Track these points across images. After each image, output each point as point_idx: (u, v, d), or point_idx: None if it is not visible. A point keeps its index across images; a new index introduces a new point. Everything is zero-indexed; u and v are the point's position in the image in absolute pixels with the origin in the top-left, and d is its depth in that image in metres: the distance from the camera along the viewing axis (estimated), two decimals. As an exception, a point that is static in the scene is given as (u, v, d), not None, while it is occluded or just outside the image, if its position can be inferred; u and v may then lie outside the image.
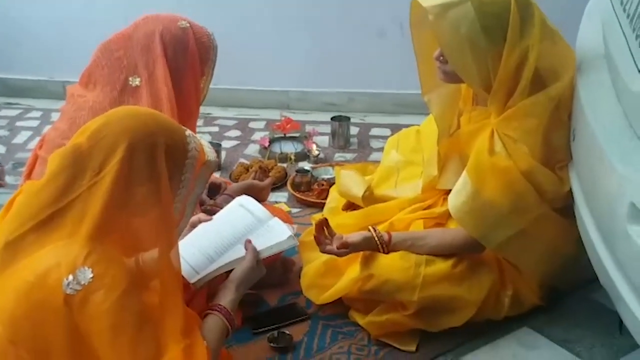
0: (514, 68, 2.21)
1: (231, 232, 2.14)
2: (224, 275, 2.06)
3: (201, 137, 1.88)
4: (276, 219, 2.20)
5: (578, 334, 2.44)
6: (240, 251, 2.07)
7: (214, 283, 2.11)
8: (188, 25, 2.47)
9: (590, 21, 2.43)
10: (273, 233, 2.15)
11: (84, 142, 1.69)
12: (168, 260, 1.74)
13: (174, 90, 2.41)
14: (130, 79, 2.43)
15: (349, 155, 3.77)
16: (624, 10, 2.07)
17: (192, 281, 2.03)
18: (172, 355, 1.68)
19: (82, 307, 1.59)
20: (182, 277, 1.98)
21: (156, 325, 1.69)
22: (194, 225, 2.17)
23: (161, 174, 1.70)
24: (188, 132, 1.81)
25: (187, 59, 2.47)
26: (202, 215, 2.21)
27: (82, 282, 1.59)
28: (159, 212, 1.71)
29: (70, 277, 1.58)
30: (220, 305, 1.94)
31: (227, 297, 1.97)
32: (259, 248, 2.07)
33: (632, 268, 1.73)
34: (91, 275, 1.59)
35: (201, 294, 2.21)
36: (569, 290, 2.56)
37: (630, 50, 1.92)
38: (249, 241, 2.08)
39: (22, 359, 1.60)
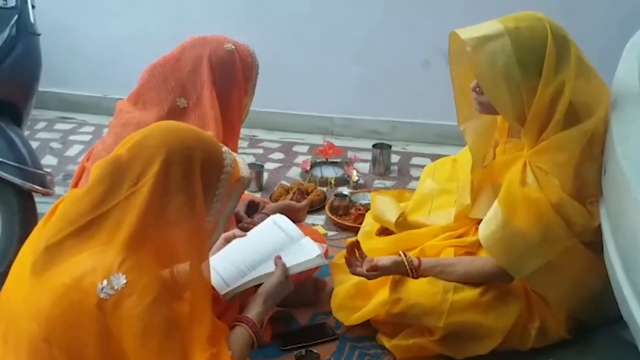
0: (548, 102, 2.24)
1: (263, 248, 2.20)
2: (254, 288, 2.12)
3: (237, 155, 1.95)
4: (307, 238, 2.26)
5: (604, 369, 2.44)
6: (270, 266, 2.13)
7: (246, 296, 2.17)
8: (234, 47, 2.54)
9: (628, 59, 2.46)
10: (303, 251, 2.21)
11: (124, 153, 1.77)
12: (199, 271, 1.80)
13: (220, 111, 2.48)
14: (177, 100, 2.50)
15: (388, 183, 3.82)
16: (659, 49, 2.10)
17: (222, 293, 2.10)
18: None
19: (114, 311, 1.65)
20: (213, 288, 2.05)
21: (184, 333, 1.74)
22: (228, 240, 2.24)
23: (196, 187, 1.76)
24: (225, 148, 1.88)
25: (234, 81, 2.54)
26: (236, 231, 2.27)
27: (116, 287, 1.65)
28: (193, 224, 1.77)
29: (105, 282, 1.64)
30: (247, 317, 2.00)
31: (254, 310, 2.02)
32: (288, 265, 2.13)
33: (652, 302, 1.75)
34: (124, 281, 1.65)
35: (234, 307, 2.27)
36: (598, 326, 2.55)
37: (660, 86, 1.95)
38: (279, 257, 2.14)
39: (55, 358, 1.66)
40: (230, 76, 2.52)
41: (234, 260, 2.17)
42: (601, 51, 2.79)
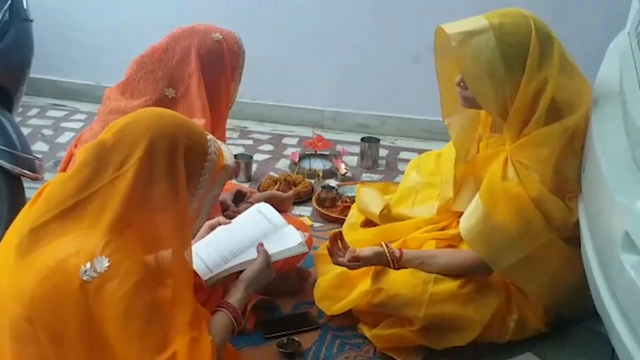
0: (530, 98, 2.28)
1: (247, 236, 2.22)
2: (236, 275, 2.15)
3: (222, 144, 1.97)
4: (291, 226, 2.29)
5: (580, 362, 2.48)
6: (252, 253, 2.16)
7: (228, 283, 2.20)
8: (221, 37, 2.57)
9: (611, 59, 2.50)
10: (286, 239, 2.24)
11: (109, 137, 1.79)
12: (181, 257, 1.82)
13: (207, 100, 2.51)
14: (166, 90, 2.53)
15: (375, 176, 3.86)
16: (640, 47, 2.13)
17: (204, 279, 2.13)
18: (177, 346, 1.75)
19: (97, 294, 1.67)
20: (197, 274, 2.07)
21: (165, 317, 1.75)
22: (213, 227, 2.26)
23: (179, 174, 1.78)
24: (209, 136, 1.90)
25: (221, 70, 2.57)
26: (221, 218, 2.30)
27: (99, 270, 1.66)
28: (176, 210, 1.79)
29: (88, 265, 1.66)
30: (228, 302, 2.02)
31: (235, 296, 2.05)
32: (270, 252, 2.16)
33: (623, 297, 1.78)
34: (107, 264, 1.67)
35: (217, 294, 2.30)
36: (575, 320, 2.59)
37: (639, 85, 1.98)
38: (261, 244, 2.17)
39: (37, 338, 1.68)
40: (218, 66, 2.55)
41: (218, 247, 2.19)
42: (588, 51, 2.83)
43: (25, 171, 2.72)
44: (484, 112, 2.53)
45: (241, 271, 2.14)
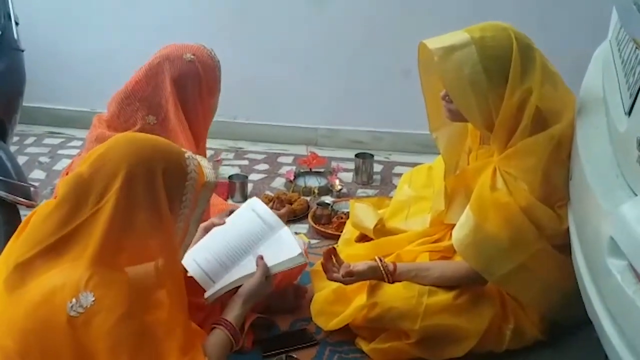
0: (515, 109, 2.30)
1: (243, 238, 2.22)
2: (234, 290, 2.17)
3: (202, 159, 1.98)
4: (286, 228, 2.29)
5: (577, 369, 2.49)
6: (251, 265, 2.16)
7: (226, 298, 2.20)
8: (194, 57, 2.60)
9: (595, 67, 2.53)
10: (284, 247, 2.24)
11: (85, 170, 1.79)
12: (172, 276, 1.84)
13: (186, 120, 2.54)
14: (146, 118, 2.57)
15: (370, 191, 3.88)
16: (620, 55, 2.16)
17: (205, 296, 2.14)
18: None
19: (85, 329, 1.69)
20: (195, 290, 2.10)
21: (156, 343, 1.77)
22: (207, 229, 2.26)
23: (160, 198, 1.79)
24: (188, 154, 1.91)
25: (196, 89, 2.60)
26: (215, 219, 2.29)
27: (85, 305, 1.68)
28: (161, 233, 1.81)
29: (74, 301, 1.68)
30: (226, 320, 2.04)
31: (233, 312, 2.06)
32: (269, 264, 2.17)
33: (611, 300, 1.80)
34: (93, 299, 1.69)
35: (214, 311, 2.31)
36: (572, 327, 2.60)
37: (620, 92, 2.01)
38: (261, 257, 2.17)
39: None
40: (193, 86, 2.59)
41: (214, 251, 2.20)
42: (574, 60, 2.86)
43: (21, 199, 2.74)
44: (472, 125, 2.56)
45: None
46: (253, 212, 2.32)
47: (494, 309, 2.47)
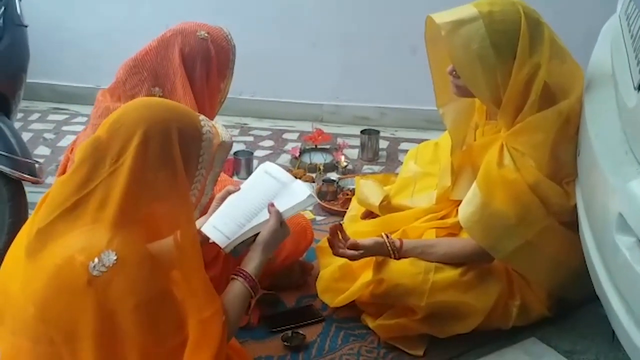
0: (522, 84, 2.29)
1: (259, 198, 2.20)
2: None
3: (216, 122, 1.98)
4: (298, 181, 2.27)
5: (584, 345, 2.49)
6: (265, 215, 2.14)
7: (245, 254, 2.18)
8: (207, 35, 2.57)
9: (603, 41, 2.50)
10: (294, 195, 2.21)
11: (103, 133, 1.80)
12: (188, 238, 1.83)
13: (194, 98, 2.52)
14: (152, 89, 2.53)
15: (376, 168, 3.87)
16: (629, 30, 2.14)
17: (222, 246, 2.13)
18: (189, 330, 1.79)
19: (107, 288, 1.69)
20: (213, 247, 2.12)
21: (176, 302, 1.79)
22: (224, 199, 2.24)
23: (176, 159, 1.79)
24: (202, 116, 1.92)
25: (206, 68, 2.56)
26: (230, 187, 2.28)
27: (107, 264, 1.68)
28: (177, 194, 1.81)
29: (96, 260, 1.68)
30: (244, 271, 2.03)
31: (252, 262, 2.05)
32: (281, 209, 2.15)
33: (619, 277, 1.80)
34: (115, 258, 1.69)
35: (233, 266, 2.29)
36: (578, 303, 2.60)
37: (629, 67, 1.99)
38: (272, 204, 2.15)
39: (51, 337, 1.70)
40: (202, 64, 2.55)
41: (232, 215, 2.18)
42: (580, 34, 2.83)
43: (25, 175, 2.74)
44: (479, 100, 2.54)
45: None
46: (266, 173, 2.30)
47: (500, 286, 2.46)
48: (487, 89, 2.32)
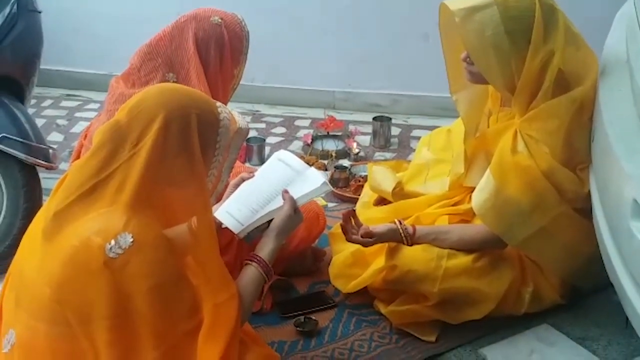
0: (537, 71, 2.28)
1: (273, 184, 2.22)
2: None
3: (232, 109, 2.00)
4: (312, 169, 2.28)
5: (596, 332, 2.49)
6: (279, 202, 2.15)
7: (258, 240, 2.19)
8: (221, 20, 2.57)
9: (618, 27, 2.49)
10: (308, 182, 2.22)
11: (123, 117, 1.81)
12: (204, 223, 1.84)
13: (207, 83, 2.53)
14: (166, 75, 2.54)
15: (388, 155, 3.87)
16: (645, 16, 2.13)
17: (236, 232, 2.14)
18: (204, 312, 1.80)
19: (123, 270, 1.70)
20: (227, 233, 2.13)
21: (191, 285, 1.80)
22: (237, 186, 2.26)
23: (194, 144, 1.81)
24: (219, 103, 1.93)
25: (220, 53, 2.57)
26: (244, 174, 2.29)
27: (124, 246, 1.70)
28: (194, 180, 1.82)
29: (113, 242, 1.69)
30: (258, 256, 2.04)
31: (266, 248, 2.06)
32: (295, 196, 2.15)
33: (634, 263, 1.80)
34: (131, 240, 1.70)
35: (247, 250, 2.30)
36: (591, 290, 2.60)
37: (645, 54, 1.99)
38: (286, 191, 2.16)
39: (66, 319, 1.72)
40: (215, 50, 2.56)
41: (246, 201, 2.20)
42: (595, 20, 2.82)
43: (40, 161, 2.75)
44: (492, 87, 2.53)
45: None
46: (280, 161, 2.31)
47: (513, 272, 2.46)
48: (501, 75, 2.31)
